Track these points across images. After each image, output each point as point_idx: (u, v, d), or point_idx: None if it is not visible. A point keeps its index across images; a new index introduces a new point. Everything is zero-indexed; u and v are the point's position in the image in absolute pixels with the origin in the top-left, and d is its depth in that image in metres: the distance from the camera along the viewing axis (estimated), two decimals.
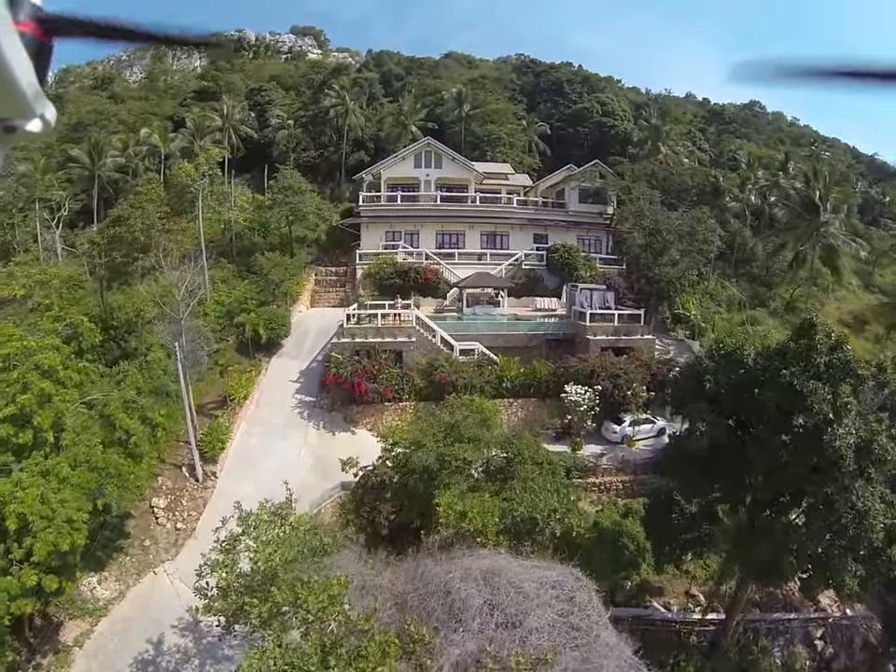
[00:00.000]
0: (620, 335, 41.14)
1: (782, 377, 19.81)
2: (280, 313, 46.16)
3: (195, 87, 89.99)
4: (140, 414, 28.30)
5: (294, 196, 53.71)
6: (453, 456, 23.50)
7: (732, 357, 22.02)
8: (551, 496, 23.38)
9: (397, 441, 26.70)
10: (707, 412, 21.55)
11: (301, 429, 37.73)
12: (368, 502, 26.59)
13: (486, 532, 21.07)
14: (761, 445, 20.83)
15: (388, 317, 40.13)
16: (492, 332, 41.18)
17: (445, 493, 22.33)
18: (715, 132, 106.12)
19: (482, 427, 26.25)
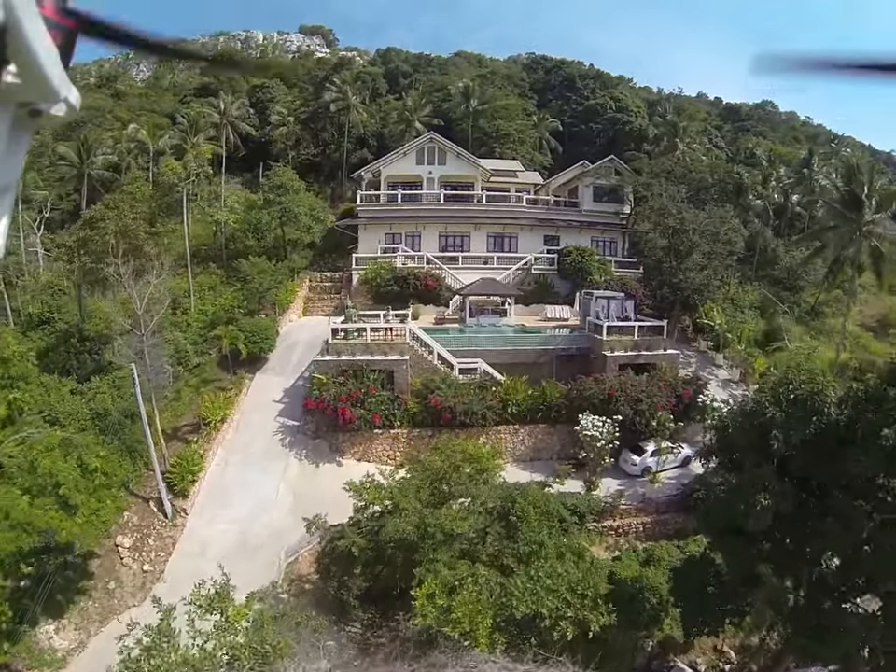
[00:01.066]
0: (640, 350, 35.31)
1: (882, 439, 14.00)
2: (264, 324, 40.75)
3: (196, 84, 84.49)
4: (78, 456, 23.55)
5: (285, 195, 48.18)
6: (438, 528, 17.77)
7: (805, 405, 16.14)
8: (561, 581, 17.56)
9: (369, 502, 20.92)
10: (774, 478, 15.71)
11: (282, 459, 32.73)
12: (335, 575, 20.84)
13: (477, 635, 15.40)
14: (843, 522, 15.06)
15: (379, 332, 34.47)
16: (497, 348, 35.50)
17: (426, 578, 16.60)
18: (731, 129, 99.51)
19: (477, 480, 20.48)
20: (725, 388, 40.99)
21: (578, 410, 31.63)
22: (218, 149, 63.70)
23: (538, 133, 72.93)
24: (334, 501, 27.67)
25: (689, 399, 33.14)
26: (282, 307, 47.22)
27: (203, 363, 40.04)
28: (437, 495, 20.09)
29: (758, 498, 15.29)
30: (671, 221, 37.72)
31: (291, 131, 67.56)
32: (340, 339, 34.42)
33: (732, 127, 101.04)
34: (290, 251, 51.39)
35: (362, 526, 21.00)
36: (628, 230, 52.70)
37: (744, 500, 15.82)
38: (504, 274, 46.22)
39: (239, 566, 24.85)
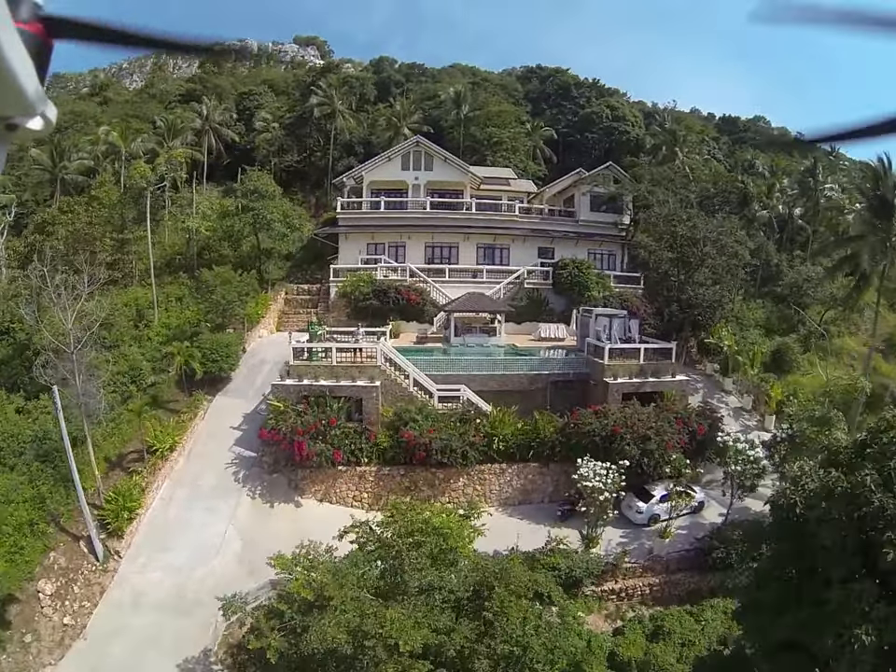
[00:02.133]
0: (646, 376, 29.91)
1: None
2: (225, 341, 35.48)
3: (181, 90, 79.20)
4: None
5: (259, 201, 42.83)
6: (379, 639, 12.18)
7: None
8: None
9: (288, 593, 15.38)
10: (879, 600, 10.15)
11: (233, 496, 27.53)
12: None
13: None
14: None
15: (347, 353, 28.95)
16: (483, 373, 30.01)
17: None
18: (728, 142, 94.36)
19: (442, 562, 14.95)
20: (737, 418, 35.68)
21: (575, 448, 26.34)
22: (197, 154, 58.59)
23: (531, 142, 67.67)
24: (289, 550, 23.53)
25: (703, 436, 27.74)
26: (252, 322, 41.84)
27: (160, 382, 34.79)
28: (388, 579, 14.56)
29: (857, 633, 9.75)
30: (681, 229, 32.36)
31: (275, 137, 62.24)
32: (302, 360, 29.05)
33: (728, 139, 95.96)
34: (265, 261, 45.91)
35: (286, 620, 15.34)
36: (628, 241, 47.44)
37: (830, 630, 10.27)
38: (494, 289, 40.93)
39: (173, 622, 21.28)
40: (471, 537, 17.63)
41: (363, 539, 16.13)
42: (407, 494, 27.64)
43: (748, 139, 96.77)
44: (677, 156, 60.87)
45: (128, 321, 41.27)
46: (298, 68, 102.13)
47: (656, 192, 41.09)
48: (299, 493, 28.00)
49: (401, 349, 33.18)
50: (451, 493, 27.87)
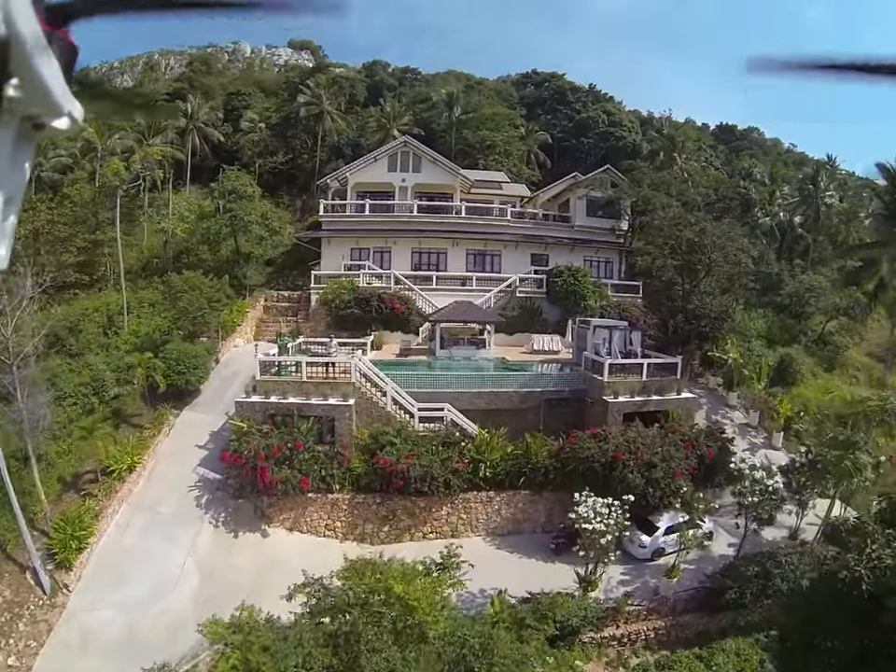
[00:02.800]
0: (650, 394, 26.97)
1: None
2: (193, 351, 32.37)
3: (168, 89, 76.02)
4: None
5: (236, 202, 39.81)
6: None
7: None
8: None
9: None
10: None
11: (195, 524, 24.52)
12: None
13: None
14: None
15: (319, 368, 25.84)
16: (471, 390, 26.91)
17: None
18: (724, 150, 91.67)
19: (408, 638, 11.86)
20: (743, 435, 32.74)
21: (571, 475, 23.41)
22: (179, 154, 55.50)
23: (526, 146, 64.81)
24: (253, 586, 21.03)
25: (713, 460, 24.80)
26: (227, 330, 38.76)
27: (124, 395, 31.72)
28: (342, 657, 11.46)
29: None
30: (688, 233, 29.34)
31: (260, 138, 59.15)
32: (270, 375, 25.99)
33: (725, 148, 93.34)
34: (244, 266, 42.80)
35: None
36: (626, 248, 44.58)
37: None
38: (484, 297, 37.95)
39: (120, 666, 18.34)
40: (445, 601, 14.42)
41: (315, 600, 13.02)
42: (384, 523, 24.71)
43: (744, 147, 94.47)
44: (675, 161, 58.25)
45: (97, 327, 38.30)
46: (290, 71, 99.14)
47: (657, 196, 38.28)
48: (266, 521, 25.02)
49: (382, 363, 30.19)
50: (433, 522, 24.86)
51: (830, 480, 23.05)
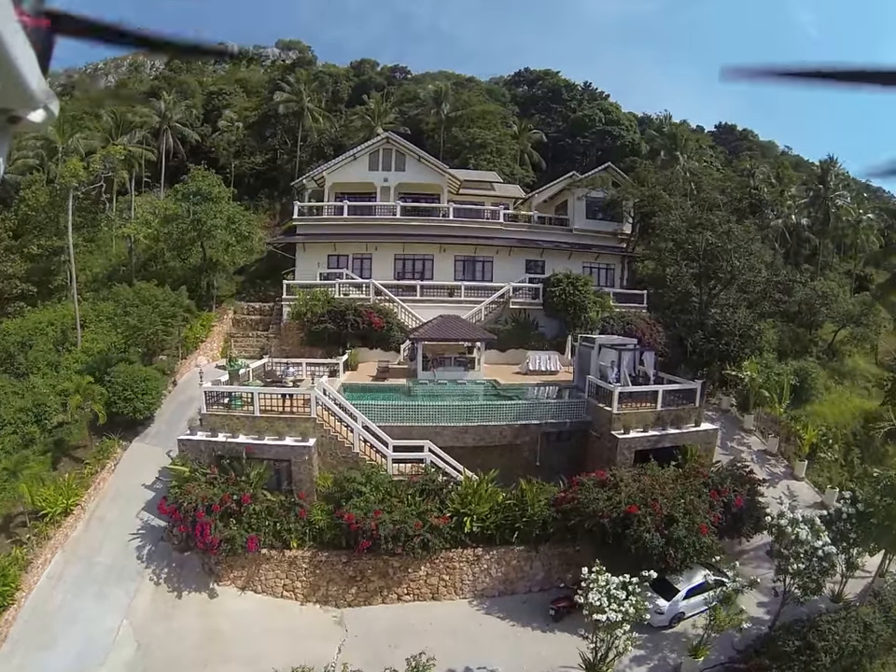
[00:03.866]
0: (665, 426, 22.66)
1: None
2: (144, 374, 28.04)
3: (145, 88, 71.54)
4: None
5: (200, 204, 35.38)
6: None
7: None
8: None
9: None
10: None
11: (134, 579, 20.50)
12: None
13: None
14: None
15: (274, 399, 21.35)
16: (456, 424, 22.47)
17: None
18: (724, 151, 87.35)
19: None
20: (762, 464, 28.46)
21: (574, 531, 19.07)
22: (149, 154, 51.06)
23: (519, 146, 60.34)
24: (197, 657, 18.04)
25: (741, 508, 20.46)
26: (188, 347, 34.38)
27: (69, 423, 27.36)
28: None
29: None
30: (711, 236, 24.85)
31: (237, 138, 54.65)
32: (219, 408, 21.53)
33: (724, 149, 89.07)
34: (211, 274, 38.34)
35: None
36: (629, 253, 40.28)
37: None
38: (474, 309, 33.68)
39: None
40: None
41: None
42: (352, 584, 20.38)
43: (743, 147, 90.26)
44: (678, 161, 53.93)
45: (49, 343, 33.95)
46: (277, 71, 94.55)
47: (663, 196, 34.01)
48: (214, 579, 20.71)
49: (354, 389, 25.92)
50: (409, 583, 20.49)
51: (885, 536, 18.73)
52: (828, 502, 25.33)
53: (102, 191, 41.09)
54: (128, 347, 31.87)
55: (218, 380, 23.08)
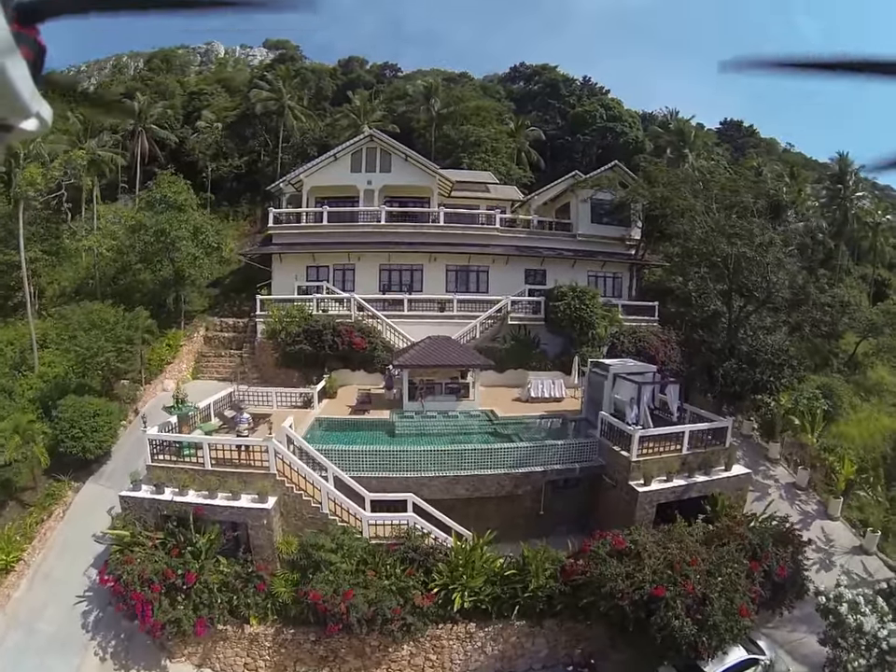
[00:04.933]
0: (692, 474, 19.26)
1: None
2: (95, 408, 24.78)
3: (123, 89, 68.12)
4: None
5: (164, 213, 32.04)
6: None
7: None
8: None
9: None
10: None
11: (78, 651, 17.29)
12: None
13: None
14: None
15: (226, 450, 17.87)
16: (445, 474, 19.02)
17: None
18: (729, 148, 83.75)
19: None
20: (791, 500, 25.11)
21: (587, 611, 15.74)
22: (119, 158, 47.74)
23: (516, 144, 56.86)
24: None
25: (784, 578, 17.09)
26: (153, 370, 31.06)
27: (19, 460, 24.10)
28: None
29: None
30: (744, 246, 21.32)
31: (214, 139, 51.23)
32: (166, 459, 18.15)
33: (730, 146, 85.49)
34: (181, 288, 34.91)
35: None
36: (638, 261, 36.91)
37: None
38: (469, 326, 30.27)
39: None
40: None
41: None
42: (323, 664, 16.99)
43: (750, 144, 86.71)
44: (686, 159, 50.60)
45: (7, 366, 30.75)
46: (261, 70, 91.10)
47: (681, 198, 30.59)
48: (166, 654, 17.36)
49: (330, 424, 22.54)
50: (390, 664, 17.06)
51: None
52: (868, 547, 22.12)
53: (63, 200, 37.72)
54: (85, 372, 28.52)
55: (168, 422, 19.67)
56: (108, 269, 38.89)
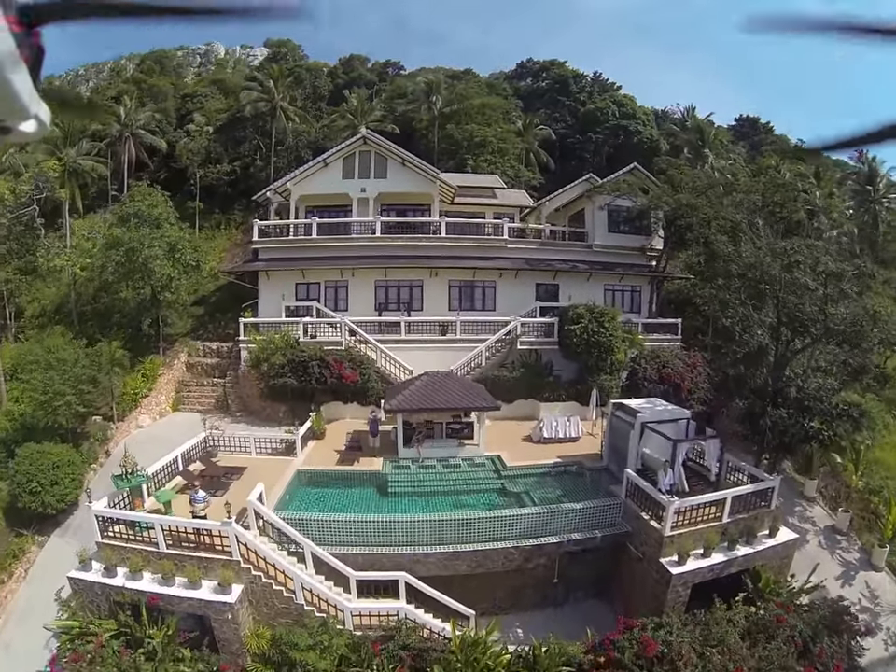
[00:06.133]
0: (733, 545, 16.09)
1: None
2: (56, 458, 22.05)
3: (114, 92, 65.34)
4: None
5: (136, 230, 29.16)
6: None
7: None
8: None
9: None
10: None
11: None
12: None
13: None
14: None
15: (183, 532, 14.89)
16: (444, 549, 15.96)
17: None
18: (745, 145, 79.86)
19: None
20: (831, 549, 21.88)
21: None
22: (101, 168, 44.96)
23: (524, 144, 53.56)
24: None
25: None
26: (127, 404, 28.21)
27: None
28: None
29: None
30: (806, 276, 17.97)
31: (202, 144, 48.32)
32: (117, 535, 15.26)
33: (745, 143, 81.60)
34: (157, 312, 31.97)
35: None
36: (660, 273, 33.70)
37: None
38: (474, 352, 27.19)
39: None
40: None
41: None
42: None
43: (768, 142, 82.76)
44: (705, 159, 47.16)
45: None
46: None
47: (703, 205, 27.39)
48: None
49: (313, 478, 19.61)
50: None
51: None
52: None
53: (35, 215, 34.92)
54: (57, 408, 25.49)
55: (117, 498, 16.70)
56: (87, 287, 36.11)
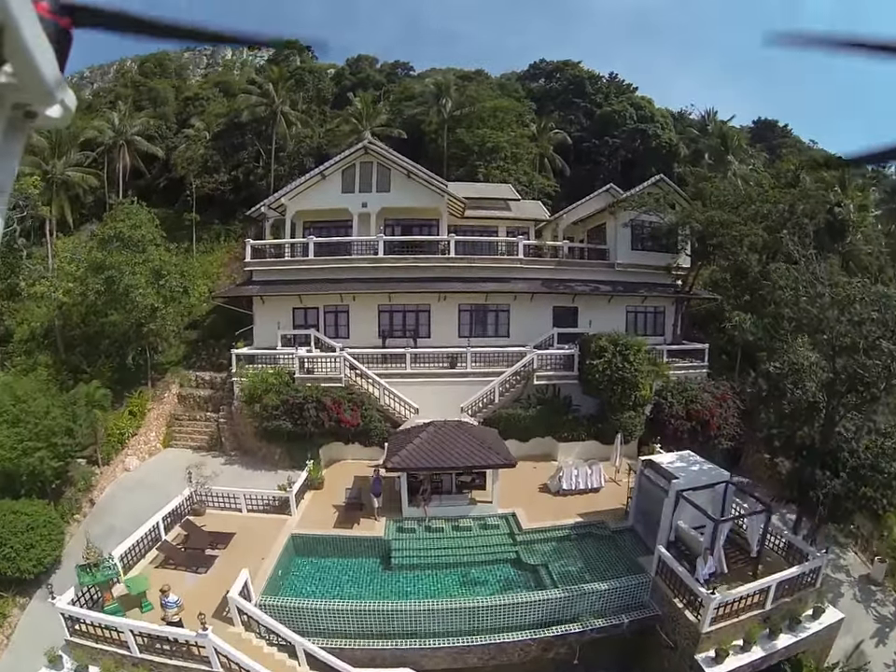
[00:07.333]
0: (775, 634, 13.50)
1: None
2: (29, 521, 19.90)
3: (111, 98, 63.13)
4: None
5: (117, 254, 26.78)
6: None
7: None
8: None
9: None
10: None
11: None
12: None
13: None
14: None
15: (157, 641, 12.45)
16: (452, 644, 13.47)
17: None
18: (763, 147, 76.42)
19: None
20: (866, 602, 19.26)
21: None
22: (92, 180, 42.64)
23: (538, 149, 50.76)
24: None
25: None
26: (112, 445, 25.87)
27: None
28: None
29: None
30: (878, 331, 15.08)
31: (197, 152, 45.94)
32: (86, 634, 12.92)
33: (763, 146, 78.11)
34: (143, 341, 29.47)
35: None
36: (686, 294, 30.96)
37: None
38: (487, 387, 24.55)
39: None
40: None
41: None
42: None
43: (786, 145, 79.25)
44: (729, 166, 44.32)
45: None
46: None
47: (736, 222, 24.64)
48: None
49: (304, 546, 17.18)
50: None
51: None
52: None
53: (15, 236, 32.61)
54: None
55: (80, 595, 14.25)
56: (73, 312, 33.72)
